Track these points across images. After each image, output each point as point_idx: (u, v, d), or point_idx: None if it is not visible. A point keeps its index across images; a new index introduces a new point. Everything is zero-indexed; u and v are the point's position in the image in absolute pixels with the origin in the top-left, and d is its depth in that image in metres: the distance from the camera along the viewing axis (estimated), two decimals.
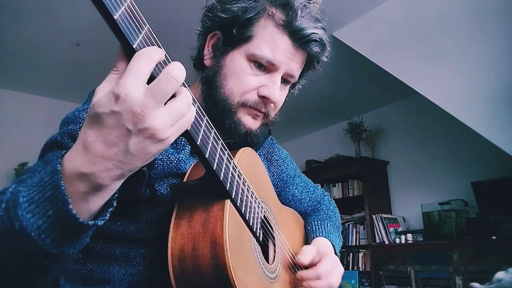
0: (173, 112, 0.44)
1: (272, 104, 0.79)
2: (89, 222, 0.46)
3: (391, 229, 3.97)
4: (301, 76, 0.87)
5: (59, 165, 0.45)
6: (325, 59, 0.84)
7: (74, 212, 0.44)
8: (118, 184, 0.48)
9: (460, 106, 2.64)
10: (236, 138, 0.80)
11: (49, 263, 0.48)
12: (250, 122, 0.78)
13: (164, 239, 0.60)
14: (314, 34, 0.77)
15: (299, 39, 0.76)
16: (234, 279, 0.56)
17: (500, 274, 0.73)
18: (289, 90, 0.88)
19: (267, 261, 0.74)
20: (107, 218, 0.50)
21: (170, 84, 0.42)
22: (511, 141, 2.41)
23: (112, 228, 0.70)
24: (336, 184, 4.77)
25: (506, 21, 2.45)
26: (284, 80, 0.81)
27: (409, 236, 3.75)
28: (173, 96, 0.45)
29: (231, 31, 0.75)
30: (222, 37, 0.77)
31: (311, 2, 0.80)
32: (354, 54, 3.15)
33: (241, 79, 0.75)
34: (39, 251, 0.46)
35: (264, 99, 0.77)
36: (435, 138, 4.01)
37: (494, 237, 3.03)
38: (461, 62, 2.64)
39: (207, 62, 0.79)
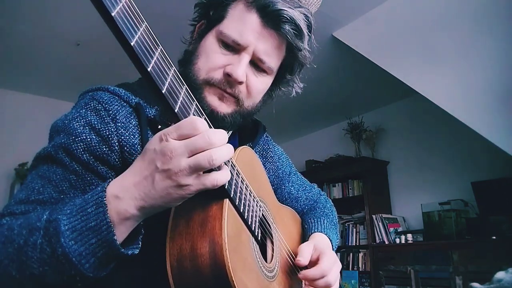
0: (193, 164, 0.49)
1: (241, 87, 0.75)
2: (128, 252, 0.52)
3: (391, 229, 3.97)
4: (285, 67, 0.84)
5: (104, 198, 0.50)
6: (304, 45, 0.79)
7: (118, 242, 0.50)
8: (140, 216, 0.53)
9: (460, 106, 2.64)
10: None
11: (83, 282, 0.52)
12: (216, 103, 0.75)
13: (163, 239, 0.60)
14: (283, 11, 0.72)
15: (267, 15, 0.73)
16: (234, 279, 0.55)
17: (500, 274, 0.72)
18: (277, 85, 0.87)
19: (265, 260, 0.74)
20: (139, 245, 0.55)
21: (203, 142, 0.49)
22: (511, 141, 2.41)
23: None
24: (336, 184, 4.77)
25: (506, 21, 2.45)
26: (257, 66, 0.77)
27: (409, 236, 3.74)
28: None
29: (209, 14, 0.78)
30: (206, 24, 0.79)
31: None
32: (354, 54, 3.15)
33: (209, 57, 0.75)
34: (76, 275, 0.50)
35: (229, 78, 0.73)
36: (435, 138, 4.01)
37: (494, 237, 3.02)
38: (461, 62, 2.63)
39: (190, 46, 0.81)
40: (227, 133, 0.88)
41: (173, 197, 0.50)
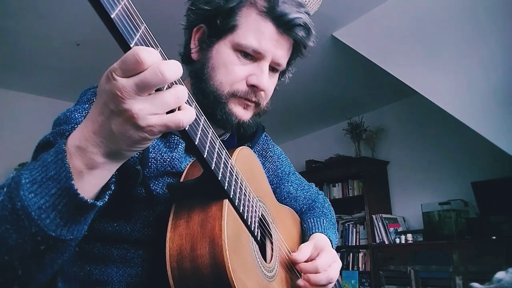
0: (157, 101, 0.43)
1: (262, 93, 0.78)
2: (88, 200, 0.47)
3: (391, 229, 3.97)
4: (289, 63, 0.87)
5: (63, 145, 0.46)
6: (311, 44, 0.83)
7: (76, 188, 0.45)
8: (111, 166, 0.49)
9: (460, 106, 2.64)
10: (229, 130, 0.80)
11: (46, 248, 0.48)
12: (242, 113, 0.78)
13: (162, 239, 0.60)
14: (298, 19, 0.76)
15: (283, 24, 0.76)
16: (234, 280, 0.55)
17: (500, 274, 0.73)
18: (278, 78, 0.88)
19: (265, 260, 0.74)
20: (106, 199, 0.51)
21: (155, 78, 0.42)
22: (511, 141, 2.41)
23: (108, 229, 0.69)
24: (336, 184, 4.77)
25: (505, 21, 2.44)
26: (272, 68, 0.81)
27: (409, 236, 3.75)
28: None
29: (215, 22, 0.75)
30: (207, 30, 0.78)
31: None
32: (354, 54, 3.15)
33: (229, 70, 0.75)
34: (37, 233, 0.46)
35: (254, 88, 0.76)
36: (435, 138, 4.01)
37: (494, 237, 3.02)
38: (461, 62, 2.63)
39: (194, 55, 0.80)
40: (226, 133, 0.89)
41: (136, 139, 0.45)
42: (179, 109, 0.47)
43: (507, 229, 3.03)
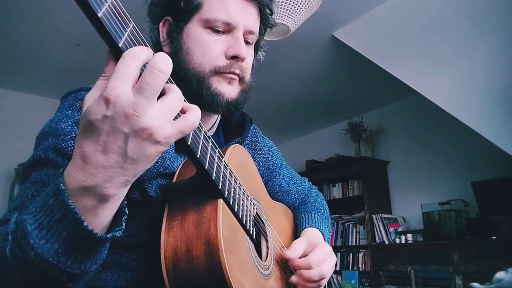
0: (166, 109, 0.42)
1: (243, 64, 0.76)
2: (108, 235, 0.45)
3: (391, 229, 3.96)
4: (260, 33, 0.85)
5: (61, 184, 0.43)
6: (275, 8, 0.83)
7: (91, 229, 0.43)
8: (124, 192, 0.46)
9: (460, 106, 2.63)
10: (219, 110, 0.77)
11: (73, 283, 0.47)
12: (227, 89, 0.75)
13: (157, 242, 0.59)
14: None
15: None
16: (231, 280, 0.55)
17: (500, 274, 0.72)
18: (254, 54, 0.87)
19: (260, 258, 0.74)
20: (123, 227, 0.49)
21: (157, 78, 0.40)
22: (511, 141, 2.41)
23: None
24: (336, 184, 4.76)
25: (506, 21, 2.44)
26: (246, 41, 0.79)
27: (409, 236, 3.74)
28: (163, 94, 0.43)
29: (179, 7, 0.74)
30: (173, 19, 0.76)
31: None
32: (354, 54, 3.14)
33: (204, 48, 0.73)
34: (61, 275, 0.44)
35: (235, 59, 0.74)
36: (435, 138, 4.01)
37: (494, 237, 3.02)
38: (461, 62, 2.63)
39: (166, 48, 0.78)
40: (213, 126, 0.87)
41: (154, 155, 0.43)
42: (181, 110, 0.45)
43: (507, 229, 3.03)
